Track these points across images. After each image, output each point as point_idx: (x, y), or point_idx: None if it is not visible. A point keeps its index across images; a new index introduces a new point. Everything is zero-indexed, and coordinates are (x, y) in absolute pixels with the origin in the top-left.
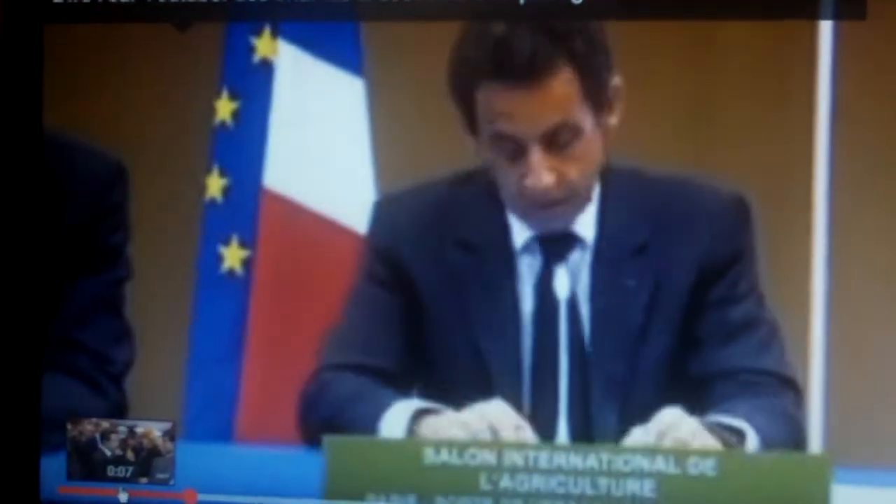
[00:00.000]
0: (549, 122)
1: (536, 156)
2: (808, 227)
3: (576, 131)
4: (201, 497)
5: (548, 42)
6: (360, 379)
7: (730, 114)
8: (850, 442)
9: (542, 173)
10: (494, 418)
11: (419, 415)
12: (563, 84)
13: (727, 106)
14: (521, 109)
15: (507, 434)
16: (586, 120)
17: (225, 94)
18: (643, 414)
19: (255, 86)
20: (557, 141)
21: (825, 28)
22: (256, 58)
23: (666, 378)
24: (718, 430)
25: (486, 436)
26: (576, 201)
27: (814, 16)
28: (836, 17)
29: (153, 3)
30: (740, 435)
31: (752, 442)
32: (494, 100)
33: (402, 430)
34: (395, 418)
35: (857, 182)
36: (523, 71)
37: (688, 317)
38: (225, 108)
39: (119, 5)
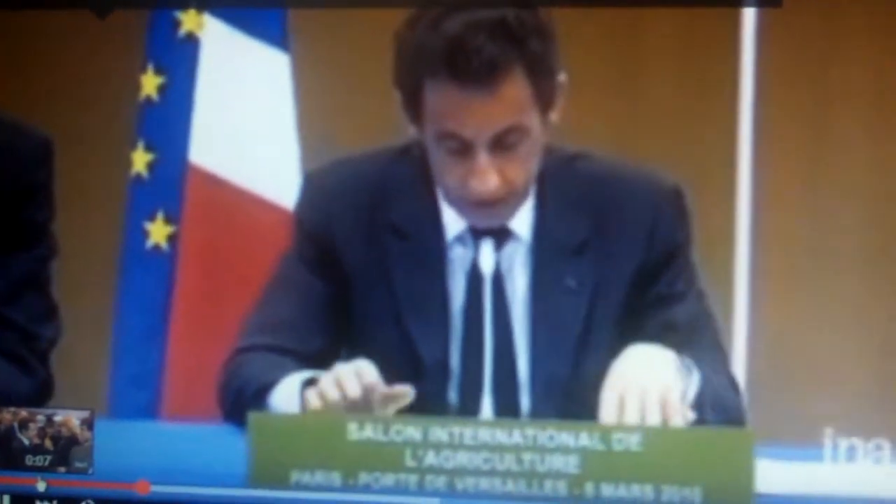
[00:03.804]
0: (500, 125)
1: (483, 158)
2: (731, 212)
3: (524, 132)
4: (154, 488)
5: (506, 45)
6: (272, 358)
7: (654, 99)
8: (771, 420)
9: (488, 176)
10: (343, 374)
11: (307, 386)
12: (517, 87)
13: (652, 92)
14: (473, 112)
15: (350, 387)
16: (534, 120)
17: (150, 69)
18: (585, 412)
19: (180, 60)
20: (505, 143)
21: (748, 15)
22: (182, 32)
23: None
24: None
25: (334, 395)
26: (516, 200)
27: (734, 3)
28: (753, 4)
29: None
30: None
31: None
32: (445, 99)
33: (296, 406)
34: (285, 395)
35: (779, 166)
36: (479, 74)
37: (630, 314)
38: (150, 83)
39: None
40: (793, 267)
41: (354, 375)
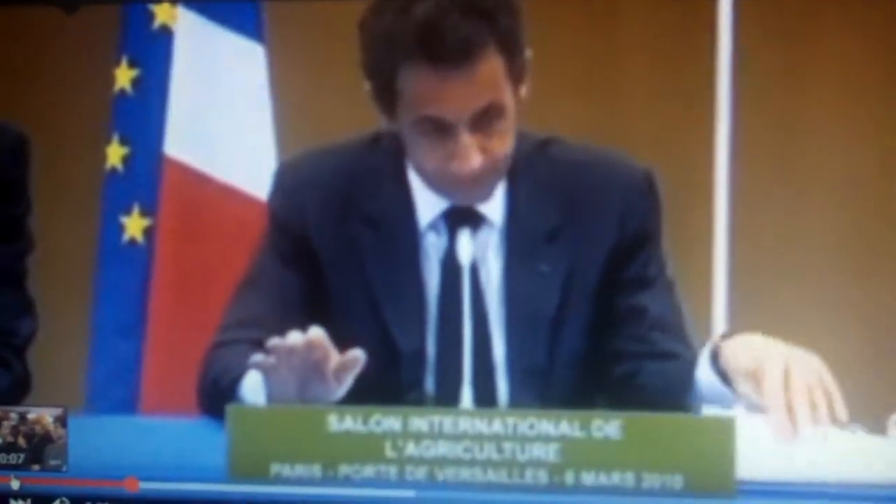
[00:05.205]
0: (479, 103)
1: (466, 138)
2: (708, 204)
3: (501, 109)
4: (143, 485)
5: (478, 23)
6: (247, 351)
7: (630, 79)
8: None
9: (471, 156)
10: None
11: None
12: (491, 64)
13: (627, 71)
14: (452, 93)
15: (293, 336)
16: (508, 96)
17: (124, 62)
18: (563, 400)
19: (154, 53)
20: (485, 120)
21: (723, 4)
22: (156, 24)
23: (584, 362)
24: None
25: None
26: (496, 176)
27: None
28: None
29: None
30: None
31: None
32: (421, 83)
33: (262, 394)
34: (252, 383)
35: (755, 159)
36: (454, 54)
37: (602, 299)
38: (124, 76)
39: None
40: (769, 260)
41: (300, 333)
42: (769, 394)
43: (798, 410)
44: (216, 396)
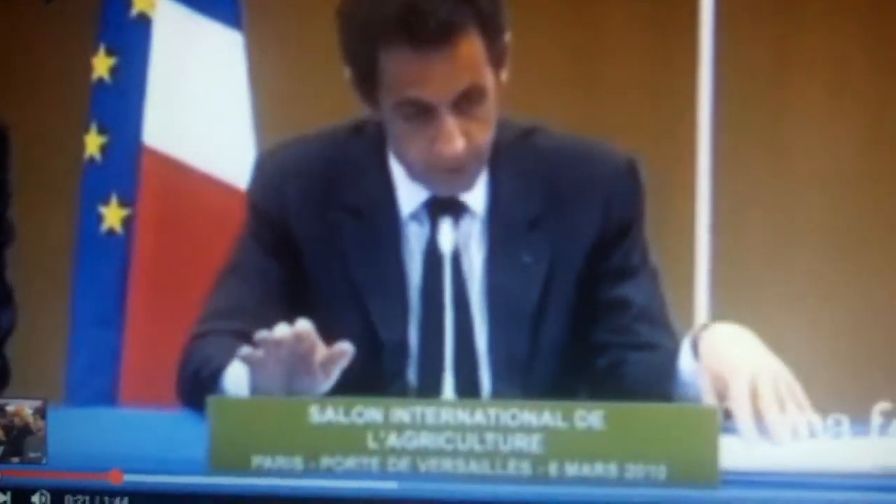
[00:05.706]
0: (460, 85)
1: (449, 120)
2: (691, 195)
3: (483, 92)
4: (128, 478)
5: (458, 4)
6: (228, 341)
7: (613, 70)
8: None
9: (454, 139)
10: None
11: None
12: (472, 46)
13: (611, 62)
14: (433, 74)
15: (280, 329)
16: (489, 79)
17: (102, 50)
18: (545, 390)
19: (132, 41)
20: (466, 103)
21: None
22: (133, 12)
23: (566, 352)
24: None
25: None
26: (478, 164)
27: None
28: None
29: None
30: None
31: None
32: (403, 65)
33: (245, 386)
34: (235, 375)
35: (741, 145)
36: (435, 35)
37: (585, 289)
38: (102, 65)
39: None
40: (752, 251)
41: (287, 326)
42: (737, 402)
43: (767, 415)
44: (197, 388)
